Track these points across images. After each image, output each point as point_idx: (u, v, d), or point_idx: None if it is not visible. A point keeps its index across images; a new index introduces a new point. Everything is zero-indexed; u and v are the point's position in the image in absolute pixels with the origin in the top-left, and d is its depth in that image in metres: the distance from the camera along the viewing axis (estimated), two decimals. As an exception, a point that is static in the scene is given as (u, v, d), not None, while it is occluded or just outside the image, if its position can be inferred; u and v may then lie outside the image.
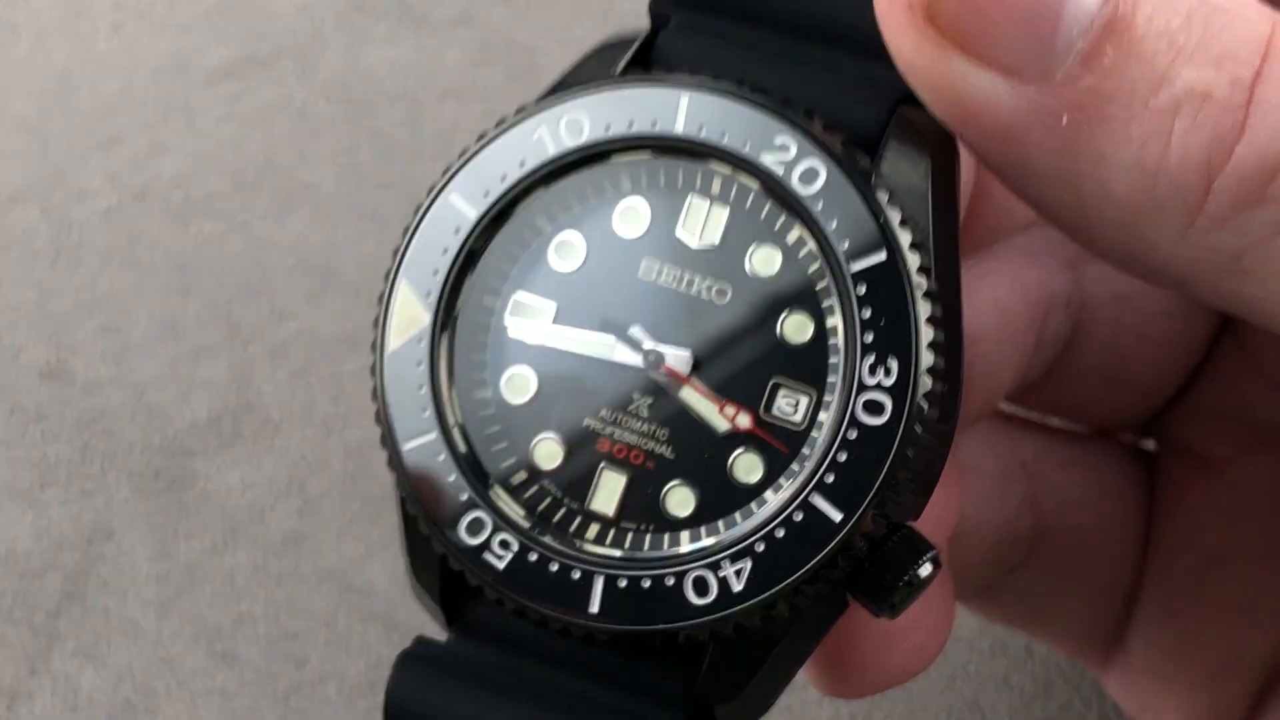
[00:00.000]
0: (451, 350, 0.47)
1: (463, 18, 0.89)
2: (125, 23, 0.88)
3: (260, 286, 0.82)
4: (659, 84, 0.47)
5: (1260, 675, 0.62)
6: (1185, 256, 0.44)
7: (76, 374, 0.79)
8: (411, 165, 0.85)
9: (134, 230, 0.83)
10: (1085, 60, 0.43)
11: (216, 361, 0.80)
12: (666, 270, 0.47)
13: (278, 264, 0.82)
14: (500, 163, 0.47)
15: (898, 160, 0.46)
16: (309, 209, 0.83)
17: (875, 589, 0.45)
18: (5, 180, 0.83)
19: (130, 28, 0.88)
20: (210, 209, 0.83)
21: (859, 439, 0.44)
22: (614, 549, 0.46)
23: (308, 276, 0.82)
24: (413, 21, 0.88)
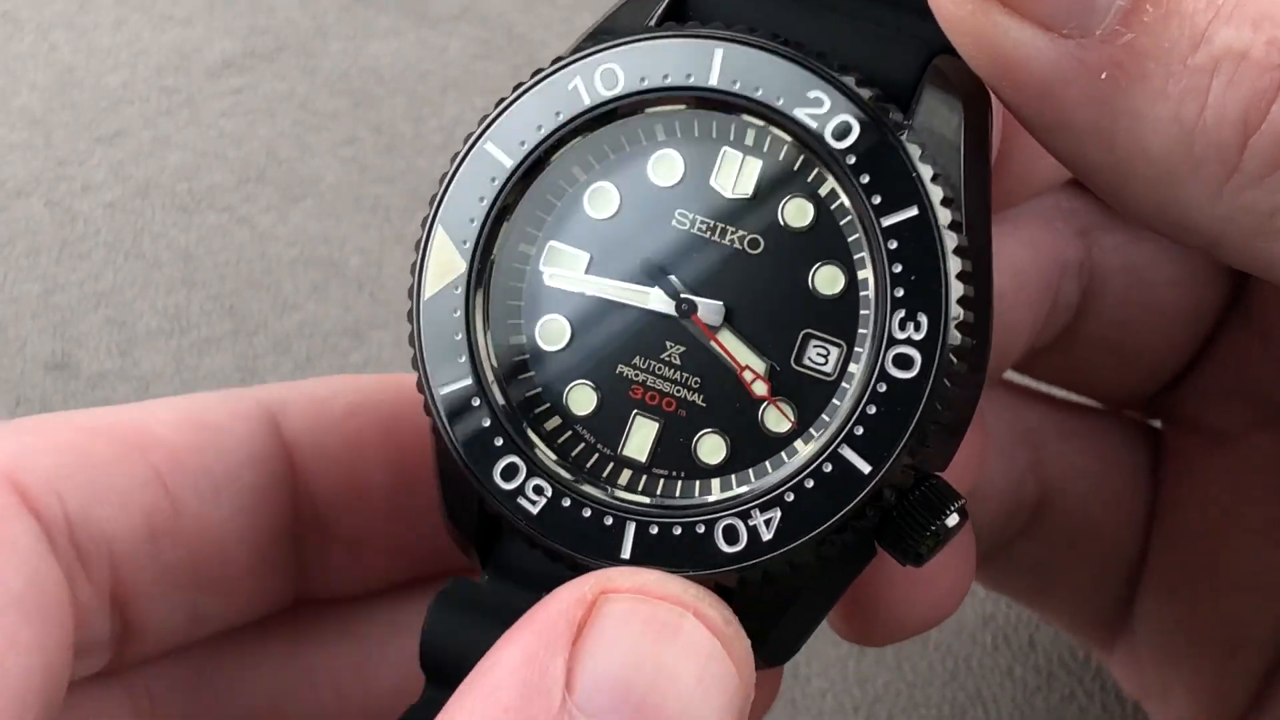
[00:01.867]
0: (487, 298, 0.47)
1: (464, 11, 0.89)
2: (128, 16, 0.88)
3: (264, 279, 0.82)
4: (694, 36, 0.47)
5: (1266, 653, 0.62)
6: (1219, 215, 0.45)
7: (82, 366, 0.79)
8: (414, 158, 0.85)
9: (138, 223, 0.83)
10: (1125, 17, 0.43)
11: (221, 354, 0.80)
12: (700, 220, 0.47)
13: (281, 256, 0.82)
14: (536, 113, 0.48)
15: (931, 113, 0.47)
16: (312, 202, 0.84)
17: (903, 538, 0.46)
18: (10, 173, 0.83)
19: (133, 21, 0.88)
20: (214, 202, 0.83)
21: (888, 392, 0.45)
22: (645, 495, 0.46)
23: (311, 269, 0.82)
24: (415, 15, 0.88)
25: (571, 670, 0.42)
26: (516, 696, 0.41)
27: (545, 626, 0.43)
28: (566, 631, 0.42)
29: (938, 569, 0.48)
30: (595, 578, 0.44)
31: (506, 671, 0.42)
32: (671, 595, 0.43)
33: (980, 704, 0.73)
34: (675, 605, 0.43)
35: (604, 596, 0.43)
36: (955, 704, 0.73)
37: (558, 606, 0.43)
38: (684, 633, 0.43)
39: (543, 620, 0.43)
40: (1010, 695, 0.74)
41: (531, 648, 0.42)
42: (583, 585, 0.43)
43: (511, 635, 0.43)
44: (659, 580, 0.44)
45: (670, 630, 0.42)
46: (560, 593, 0.43)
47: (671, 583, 0.44)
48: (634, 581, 0.44)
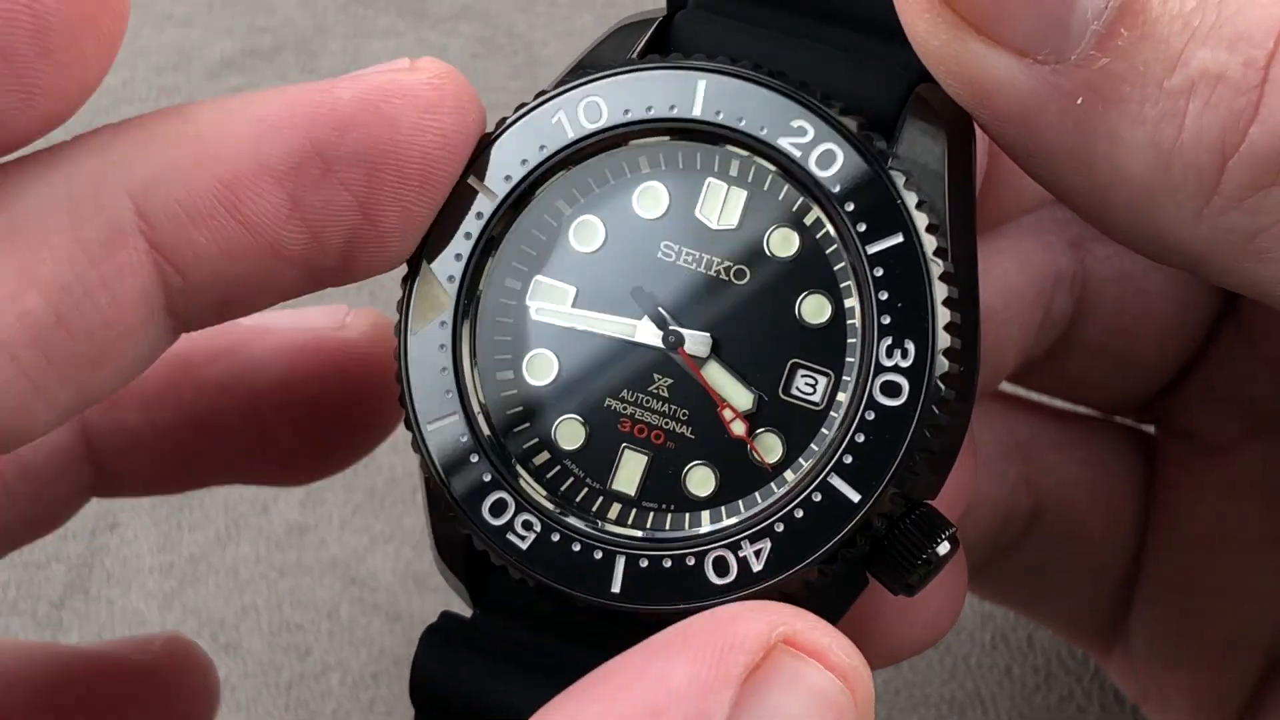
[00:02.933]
0: (474, 333, 0.47)
1: (464, 10, 0.89)
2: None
3: (263, 279, 0.82)
4: (676, 68, 0.47)
5: (1261, 660, 0.62)
6: (1199, 237, 0.44)
7: (80, 366, 0.79)
8: (414, 158, 0.85)
9: (137, 223, 0.83)
10: (1100, 42, 0.43)
11: (220, 354, 0.80)
12: (686, 252, 0.47)
13: (280, 256, 0.82)
14: (520, 147, 0.48)
15: (915, 141, 0.47)
16: (311, 201, 0.84)
17: (894, 568, 0.46)
18: (8, 173, 0.83)
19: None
20: (213, 202, 0.83)
21: (876, 420, 0.45)
22: (635, 529, 0.46)
23: (310, 269, 0.82)
24: (414, 14, 0.88)
25: (733, 716, 0.40)
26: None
27: (721, 658, 0.41)
28: (741, 672, 0.41)
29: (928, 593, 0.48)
30: (779, 618, 0.42)
31: (669, 692, 0.40)
32: (845, 668, 0.42)
33: (979, 703, 0.73)
34: (844, 683, 0.42)
35: (783, 647, 0.41)
36: (954, 703, 0.73)
37: (737, 641, 0.41)
38: (842, 715, 0.42)
39: (719, 649, 0.41)
40: (1009, 694, 0.74)
41: (703, 677, 0.41)
42: (765, 623, 0.42)
43: (677, 650, 0.41)
44: (840, 649, 0.42)
45: (831, 709, 0.41)
46: (741, 624, 0.42)
47: (847, 652, 0.42)
48: (815, 642, 0.42)
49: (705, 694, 0.40)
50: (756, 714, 0.40)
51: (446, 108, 0.47)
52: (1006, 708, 0.73)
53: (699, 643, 0.41)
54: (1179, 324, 0.62)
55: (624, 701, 0.41)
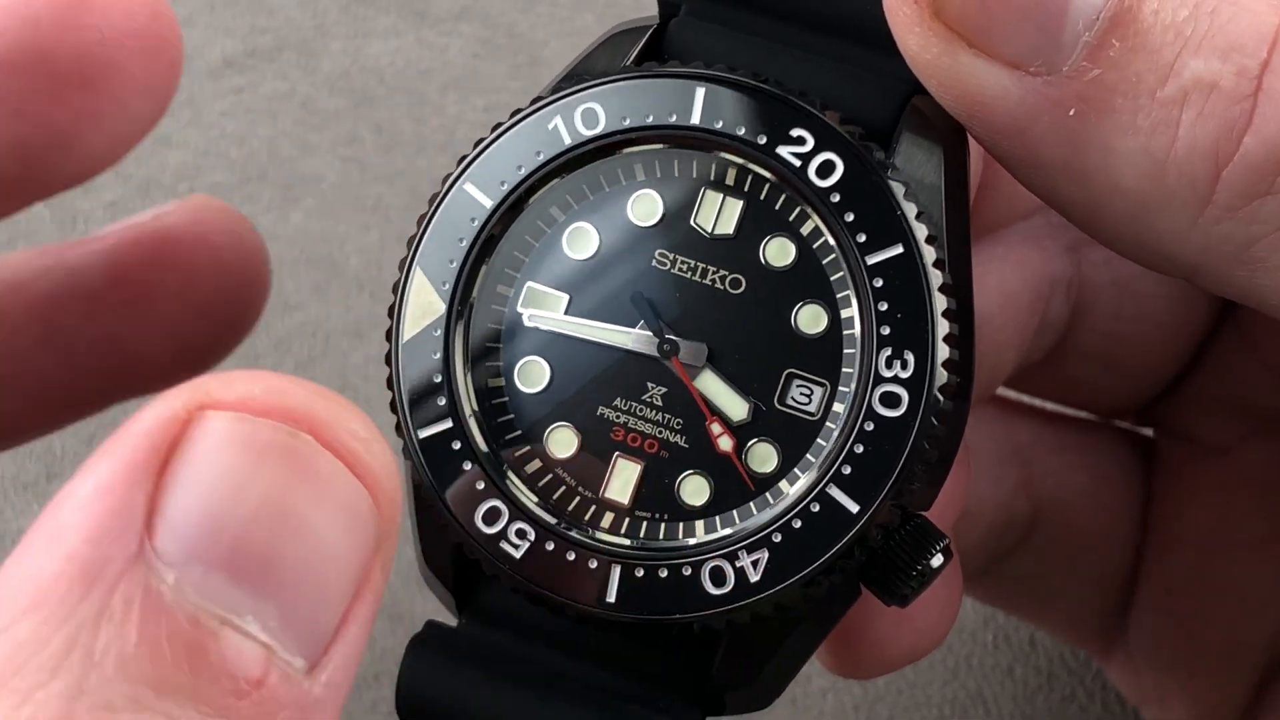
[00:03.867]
0: (466, 339, 0.47)
1: (464, 10, 0.89)
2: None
3: (264, 279, 0.82)
4: (674, 75, 0.47)
5: (1261, 662, 0.62)
6: (1195, 246, 0.44)
7: (81, 366, 0.80)
8: (414, 158, 0.85)
9: (138, 223, 0.83)
10: (1092, 53, 0.43)
11: (221, 354, 0.80)
12: (680, 260, 0.47)
13: (282, 256, 0.82)
14: (516, 153, 0.47)
15: (911, 152, 0.47)
16: (312, 201, 0.83)
17: (887, 579, 0.46)
18: (9, 173, 0.84)
19: None
20: (214, 202, 0.83)
21: (875, 431, 0.45)
22: (627, 538, 0.46)
23: (312, 269, 0.82)
24: (415, 14, 0.88)
25: (153, 508, 0.35)
26: (84, 540, 0.34)
27: (127, 450, 0.35)
28: (152, 457, 0.35)
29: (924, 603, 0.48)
30: (191, 388, 0.36)
31: (75, 509, 0.35)
32: (280, 408, 0.36)
33: (981, 703, 0.73)
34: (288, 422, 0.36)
35: (200, 413, 0.36)
36: (956, 703, 0.73)
37: (142, 426, 0.36)
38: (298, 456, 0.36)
39: (124, 443, 0.35)
40: (1011, 694, 0.74)
41: (107, 478, 0.35)
42: (174, 399, 0.36)
43: (91, 464, 0.36)
44: (267, 390, 0.36)
45: (280, 454, 0.36)
46: (149, 409, 0.36)
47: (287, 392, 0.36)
48: (237, 392, 0.36)
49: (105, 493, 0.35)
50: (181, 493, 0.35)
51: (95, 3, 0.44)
52: (1009, 708, 0.73)
53: (107, 448, 0.36)
54: (1176, 328, 0.62)
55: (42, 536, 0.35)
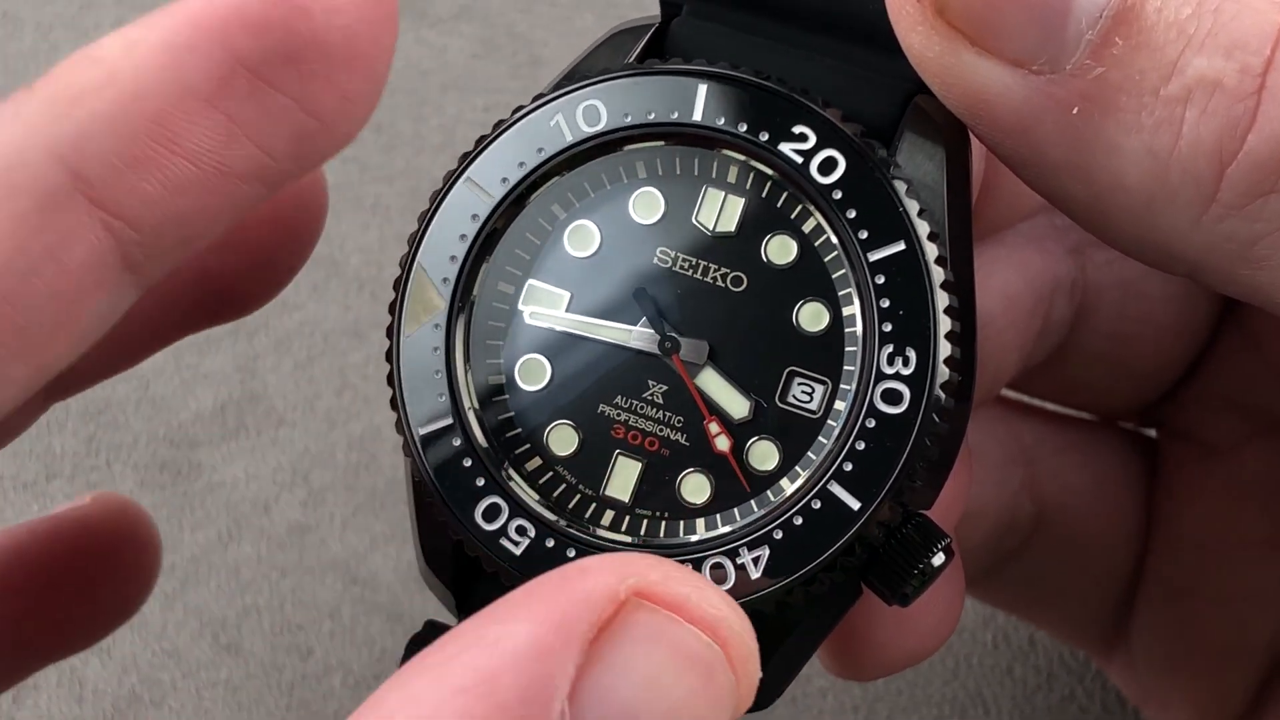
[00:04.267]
0: (467, 336, 0.47)
1: (464, 10, 0.89)
2: (129, 17, 0.87)
3: (264, 279, 0.82)
4: (676, 72, 0.47)
5: (1263, 663, 0.62)
6: (1199, 245, 0.44)
7: (81, 366, 0.79)
8: (414, 157, 0.85)
9: (138, 223, 0.83)
10: (1095, 51, 0.43)
11: (221, 353, 0.80)
12: (682, 258, 0.47)
13: (281, 256, 0.82)
14: (518, 150, 0.47)
15: (913, 151, 0.47)
16: (312, 201, 0.83)
17: (889, 578, 0.46)
18: (9, 173, 0.83)
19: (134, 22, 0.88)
20: (214, 201, 0.83)
21: (877, 428, 0.45)
22: (629, 536, 0.46)
23: (311, 268, 0.82)
24: (415, 14, 0.88)
25: (579, 680, 0.37)
26: (519, 699, 0.36)
27: (566, 619, 0.37)
28: (587, 632, 0.37)
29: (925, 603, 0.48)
30: (629, 569, 0.38)
31: (510, 657, 0.37)
32: (710, 620, 0.38)
33: (980, 703, 0.73)
34: (710, 636, 0.38)
35: (637, 601, 0.38)
36: (955, 703, 0.73)
37: (582, 596, 0.37)
38: (711, 670, 0.38)
39: (564, 609, 0.37)
40: (1010, 694, 0.74)
41: (544, 639, 0.37)
42: (614, 575, 0.38)
43: (517, 611, 0.38)
44: (704, 599, 0.38)
45: (700, 667, 0.38)
46: (589, 577, 0.38)
47: (713, 601, 0.38)
48: (672, 592, 0.38)
49: (546, 656, 0.36)
50: (607, 677, 0.37)
51: None
52: (1008, 708, 0.73)
53: (540, 601, 0.38)
54: (1180, 329, 0.62)
55: (455, 670, 0.37)
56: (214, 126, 0.43)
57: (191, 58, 0.42)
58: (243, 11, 0.43)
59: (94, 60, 0.42)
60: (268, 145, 0.44)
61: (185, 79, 0.42)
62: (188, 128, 0.42)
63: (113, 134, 0.42)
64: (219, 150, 0.43)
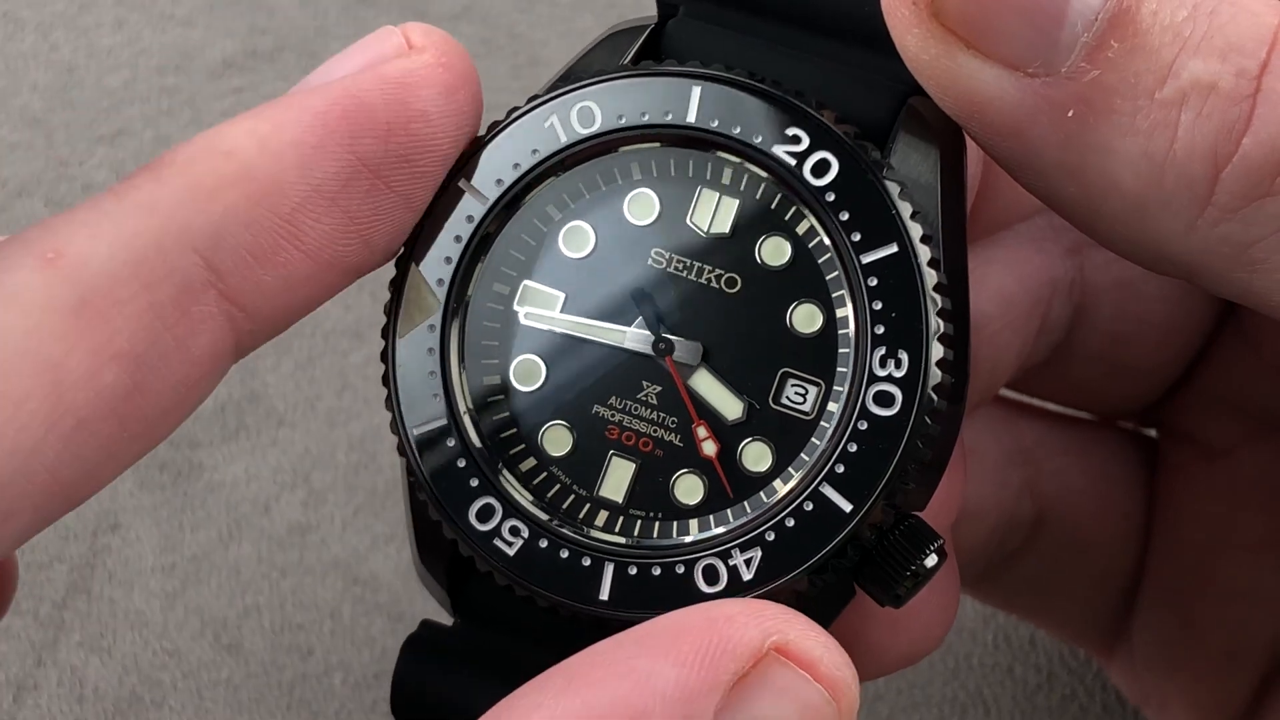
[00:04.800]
0: (462, 337, 0.47)
1: (464, 10, 0.89)
2: (129, 16, 0.88)
3: (265, 279, 0.82)
4: (671, 74, 0.47)
5: (1263, 664, 0.62)
6: (1193, 248, 0.44)
7: (82, 366, 0.80)
8: (415, 158, 0.85)
9: (139, 223, 0.83)
10: (1090, 54, 0.43)
11: (221, 354, 0.80)
12: (676, 259, 0.47)
13: (282, 256, 0.82)
14: (513, 151, 0.47)
15: (907, 153, 0.47)
16: (313, 202, 0.84)
17: (882, 579, 0.46)
18: (10, 173, 0.83)
19: (134, 21, 0.88)
20: (214, 202, 0.83)
21: (869, 430, 0.45)
22: (622, 536, 0.46)
23: (312, 269, 0.82)
24: (415, 15, 0.88)
25: (719, 715, 0.40)
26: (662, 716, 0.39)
27: (712, 662, 0.40)
28: (730, 679, 0.40)
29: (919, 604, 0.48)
30: (774, 624, 0.41)
31: (654, 695, 0.40)
32: (834, 680, 0.41)
33: (981, 703, 0.73)
34: (831, 694, 0.41)
35: (775, 656, 0.41)
36: (956, 702, 0.73)
37: (730, 646, 0.40)
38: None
39: (709, 652, 0.40)
40: (1011, 694, 0.74)
41: (692, 682, 0.40)
42: (759, 629, 0.41)
43: (666, 649, 0.40)
44: (832, 661, 0.41)
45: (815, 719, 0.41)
46: (736, 627, 0.41)
47: (838, 664, 0.41)
48: (808, 652, 0.41)
49: (691, 700, 0.40)
50: (745, 713, 0.40)
51: (461, 86, 0.46)
52: (1008, 707, 0.73)
53: (689, 643, 0.40)
54: (1179, 329, 0.62)
55: (605, 699, 0.40)
56: (333, 223, 0.44)
57: (320, 158, 0.44)
58: (371, 115, 0.44)
59: (226, 154, 0.44)
60: (372, 239, 0.46)
61: (315, 178, 0.44)
62: (312, 224, 0.44)
63: (247, 229, 0.43)
64: (333, 245, 0.45)
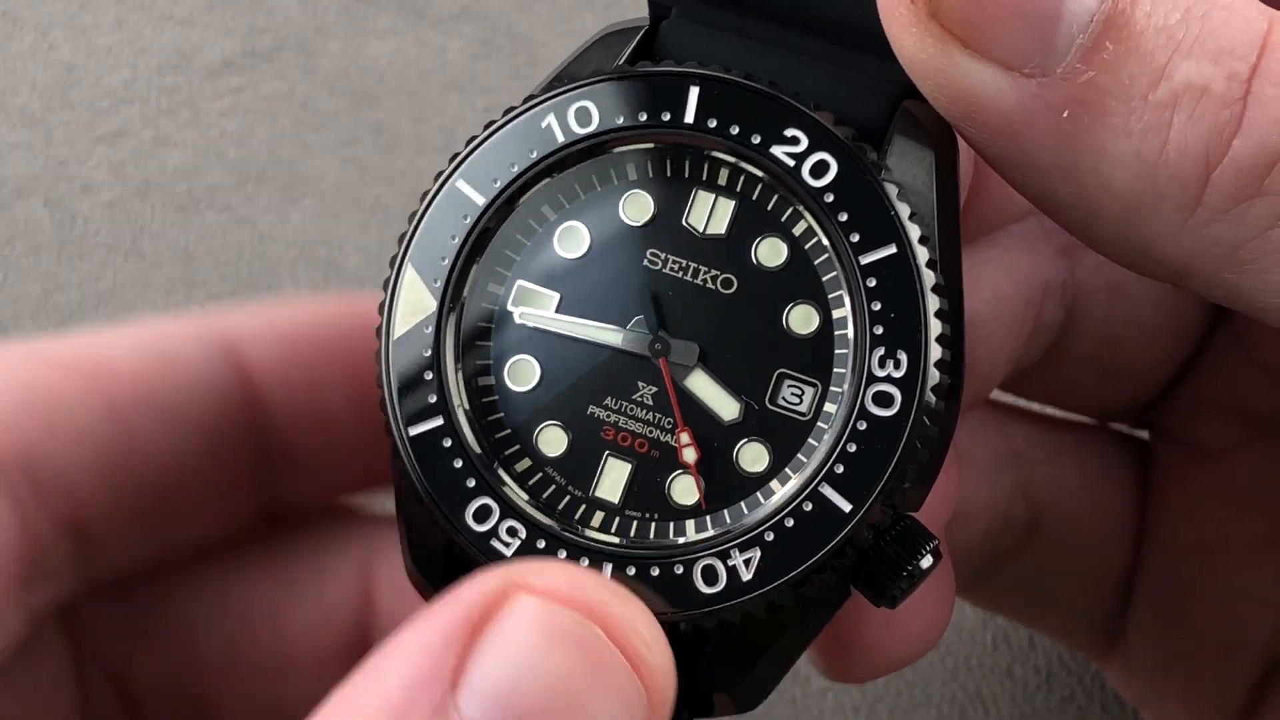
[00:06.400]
0: (457, 337, 0.47)
1: (464, 10, 0.89)
2: (128, 16, 0.88)
3: (264, 279, 0.82)
4: (668, 74, 0.47)
5: (1258, 664, 0.62)
6: (1184, 249, 0.45)
7: (81, 366, 0.80)
8: (414, 158, 0.85)
9: (138, 223, 0.83)
10: (1085, 55, 0.43)
11: (220, 354, 0.80)
12: (672, 260, 0.47)
13: (281, 257, 0.82)
14: (509, 151, 0.47)
15: (903, 155, 0.47)
16: (312, 202, 0.84)
17: (877, 580, 0.46)
18: (10, 173, 0.84)
19: (133, 21, 0.88)
20: (214, 202, 0.83)
21: (868, 430, 0.45)
22: (618, 537, 0.46)
23: (311, 269, 0.82)
24: (414, 14, 0.88)
25: (461, 668, 0.40)
26: (400, 687, 0.40)
27: (447, 618, 0.41)
28: (466, 626, 0.41)
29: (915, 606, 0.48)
30: (510, 570, 0.42)
31: (399, 658, 0.41)
32: (584, 601, 0.41)
33: (980, 703, 0.73)
34: (588, 617, 0.41)
35: (514, 593, 0.41)
36: (955, 703, 0.73)
37: (465, 598, 0.41)
38: (588, 646, 0.41)
39: (447, 611, 0.41)
40: (1010, 695, 0.74)
41: (428, 638, 0.41)
42: (494, 577, 0.41)
43: (414, 622, 0.42)
44: (576, 582, 0.42)
45: (573, 641, 0.41)
46: (472, 583, 0.42)
47: (591, 587, 0.42)
48: (546, 581, 0.41)
49: (429, 653, 0.40)
50: (487, 661, 0.40)
51: None
52: (1008, 708, 0.73)
53: (435, 608, 0.41)
54: (1171, 331, 0.62)
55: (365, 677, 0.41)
56: None
57: None
58: None
59: None
60: None
61: None
62: None
63: None
64: None
